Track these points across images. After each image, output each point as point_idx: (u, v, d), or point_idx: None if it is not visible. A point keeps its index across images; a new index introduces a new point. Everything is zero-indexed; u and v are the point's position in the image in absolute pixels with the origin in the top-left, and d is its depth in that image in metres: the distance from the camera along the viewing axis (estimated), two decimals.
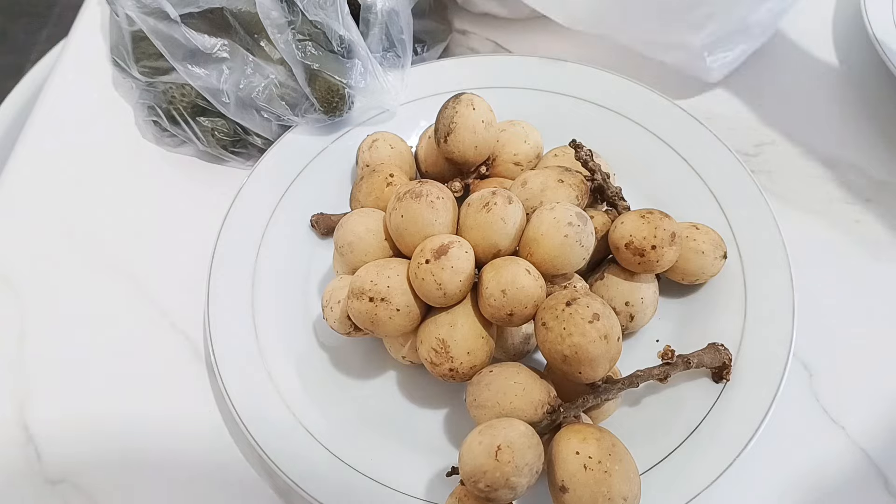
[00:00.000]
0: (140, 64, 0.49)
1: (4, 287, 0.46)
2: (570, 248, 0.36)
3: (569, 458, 0.31)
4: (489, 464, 0.30)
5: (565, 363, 0.33)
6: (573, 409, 0.34)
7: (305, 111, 0.48)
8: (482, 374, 0.34)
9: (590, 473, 0.30)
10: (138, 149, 0.51)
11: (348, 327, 0.38)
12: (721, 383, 0.38)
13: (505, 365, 0.35)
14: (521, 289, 0.34)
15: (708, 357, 0.38)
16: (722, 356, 0.38)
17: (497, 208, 0.36)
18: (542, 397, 0.34)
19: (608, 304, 0.34)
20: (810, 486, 0.38)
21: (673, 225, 0.38)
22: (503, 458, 0.30)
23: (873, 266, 0.45)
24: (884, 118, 0.52)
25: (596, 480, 0.30)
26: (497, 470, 0.30)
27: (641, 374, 0.36)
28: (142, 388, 0.42)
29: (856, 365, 0.42)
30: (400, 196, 0.37)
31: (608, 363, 0.33)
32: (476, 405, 0.34)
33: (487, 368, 0.35)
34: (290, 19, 0.47)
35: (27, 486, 0.39)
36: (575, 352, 0.32)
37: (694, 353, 0.38)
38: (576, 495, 0.30)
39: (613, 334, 0.33)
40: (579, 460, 0.31)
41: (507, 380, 0.34)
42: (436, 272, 0.34)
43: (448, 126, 0.42)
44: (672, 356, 0.37)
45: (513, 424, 0.32)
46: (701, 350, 0.38)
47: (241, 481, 0.39)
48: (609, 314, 0.33)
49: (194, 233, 0.47)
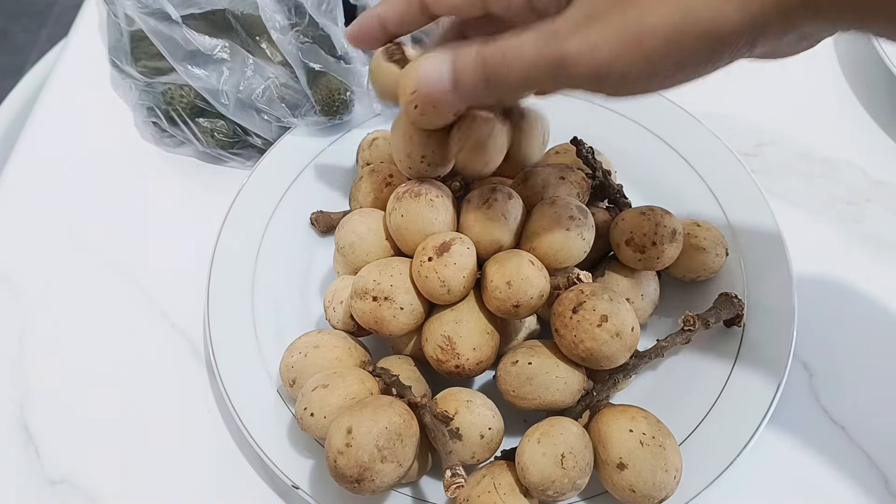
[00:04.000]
0: (139, 64, 0.49)
1: (4, 287, 0.46)
2: (571, 241, 0.36)
3: (622, 436, 0.33)
4: (556, 472, 0.32)
5: (585, 362, 0.34)
6: (605, 391, 0.35)
7: (305, 113, 0.48)
8: (520, 367, 0.34)
9: (647, 449, 0.32)
10: (138, 149, 0.51)
11: (352, 327, 0.38)
12: (735, 330, 0.40)
13: (539, 353, 0.35)
14: (525, 279, 0.34)
15: (725, 311, 0.39)
16: (736, 307, 0.39)
17: (498, 204, 0.36)
18: (579, 386, 0.35)
19: (616, 294, 0.34)
20: (810, 487, 0.38)
21: (674, 221, 0.38)
22: (568, 464, 0.32)
23: (873, 266, 0.45)
24: (884, 118, 0.52)
25: (654, 455, 0.32)
26: (565, 477, 0.32)
27: (665, 343, 0.37)
28: (142, 388, 0.42)
29: (856, 365, 0.42)
30: (399, 196, 0.37)
31: (627, 353, 0.34)
32: (516, 396, 0.35)
33: (525, 359, 0.34)
34: (294, 22, 0.47)
35: (27, 486, 0.39)
36: (590, 354, 0.33)
37: (710, 312, 0.39)
38: (635, 471, 0.32)
39: (626, 327, 0.33)
40: (634, 437, 0.32)
41: (548, 374, 0.34)
42: (439, 269, 0.35)
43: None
44: (694, 322, 0.37)
45: (566, 427, 0.33)
46: (716, 305, 0.39)
47: (241, 481, 0.39)
48: (618, 309, 0.33)
49: (194, 233, 0.47)
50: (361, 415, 0.32)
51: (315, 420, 0.34)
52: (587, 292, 0.34)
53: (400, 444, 0.31)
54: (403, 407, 0.33)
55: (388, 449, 0.31)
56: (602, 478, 0.34)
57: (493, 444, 0.34)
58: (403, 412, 0.32)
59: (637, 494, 0.32)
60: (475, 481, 0.33)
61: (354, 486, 0.31)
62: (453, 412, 0.34)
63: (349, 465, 0.31)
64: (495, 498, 0.32)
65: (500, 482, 0.33)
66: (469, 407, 0.34)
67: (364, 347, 0.38)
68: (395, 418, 0.32)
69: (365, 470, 0.31)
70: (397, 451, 0.31)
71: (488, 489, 0.33)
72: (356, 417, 0.32)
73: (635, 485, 0.32)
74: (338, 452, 0.31)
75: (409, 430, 0.32)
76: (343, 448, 0.31)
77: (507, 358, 0.35)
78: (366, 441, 0.31)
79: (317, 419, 0.34)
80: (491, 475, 0.33)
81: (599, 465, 0.34)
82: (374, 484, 0.31)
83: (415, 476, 0.35)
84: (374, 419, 0.31)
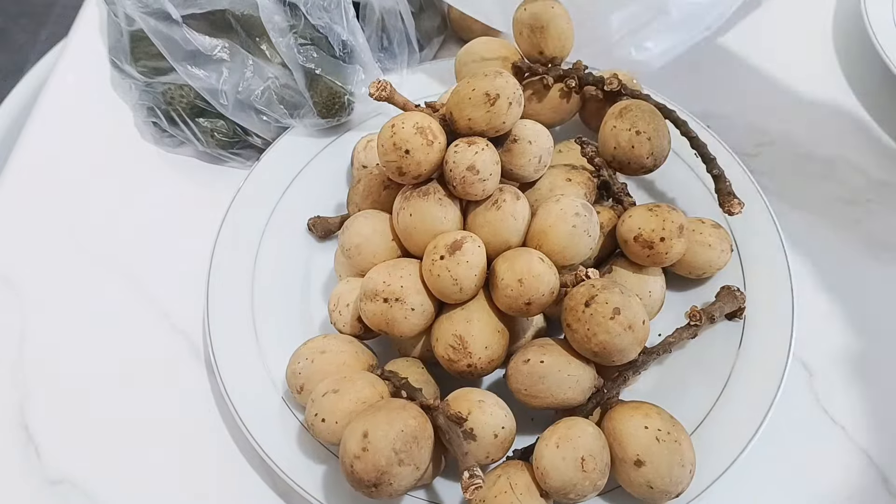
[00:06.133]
0: (139, 64, 0.49)
1: (4, 287, 0.45)
2: (578, 238, 0.36)
3: (638, 433, 0.33)
4: (577, 476, 0.32)
5: (597, 357, 0.34)
6: (616, 388, 0.35)
7: (305, 114, 0.48)
8: (532, 365, 0.34)
9: (663, 445, 0.33)
10: (137, 149, 0.51)
11: (358, 330, 0.38)
12: (737, 321, 0.40)
13: (550, 351, 0.35)
14: (537, 276, 0.34)
15: (728, 305, 0.39)
16: (739, 300, 0.39)
17: (507, 205, 0.36)
18: (591, 383, 0.35)
19: (627, 289, 0.34)
20: (810, 486, 0.38)
21: (680, 218, 0.38)
22: (589, 467, 0.32)
23: (873, 266, 0.46)
24: (884, 118, 0.52)
25: (670, 450, 0.33)
26: (586, 480, 0.32)
27: (672, 339, 0.37)
28: (142, 388, 0.42)
29: (856, 365, 0.42)
30: (407, 195, 0.37)
31: (638, 347, 0.34)
32: (528, 395, 0.35)
33: (537, 357, 0.34)
34: (293, 23, 0.47)
35: (27, 486, 0.39)
36: (603, 347, 0.33)
37: (714, 306, 0.39)
38: (653, 467, 0.32)
39: (638, 320, 0.33)
40: (650, 434, 0.33)
41: (560, 373, 0.34)
42: (451, 267, 0.35)
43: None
44: (699, 317, 0.38)
45: (583, 429, 0.33)
46: (719, 299, 0.40)
47: (241, 481, 0.39)
48: (629, 302, 0.33)
49: (194, 233, 0.47)
50: (376, 419, 0.31)
51: (326, 426, 0.34)
52: (598, 286, 0.34)
53: (416, 447, 0.31)
54: (417, 409, 0.33)
55: (405, 452, 0.31)
56: (618, 475, 0.34)
57: (506, 442, 0.34)
58: (417, 415, 0.32)
59: (655, 490, 0.33)
60: (491, 481, 0.33)
61: (372, 491, 0.31)
62: (466, 413, 0.34)
63: (366, 469, 0.31)
64: (512, 498, 0.32)
65: (517, 482, 0.33)
66: (481, 407, 0.34)
67: (371, 351, 0.38)
68: (410, 421, 0.32)
69: (382, 474, 0.31)
70: (414, 454, 0.31)
71: (504, 489, 0.33)
72: (371, 421, 0.31)
73: (653, 481, 0.32)
74: (354, 457, 0.31)
75: (423, 432, 0.32)
76: (360, 452, 0.31)
77: (517, 356, 0.35)
78: (382, 445, 0.31)
79: (328, 424, 0.34)
80: (506, 475, 0.33)
81: (615, 463, 0.34)
82: (392, 488, 0.31)
83: (429, 479, 0.35)
84: (389, 423, 0.31)
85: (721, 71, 0.54)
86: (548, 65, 0.44)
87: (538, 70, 0.44)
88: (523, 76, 0.45)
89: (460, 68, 0.45)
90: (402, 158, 0.36)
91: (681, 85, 0.52)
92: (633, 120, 0.40)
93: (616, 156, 0.41)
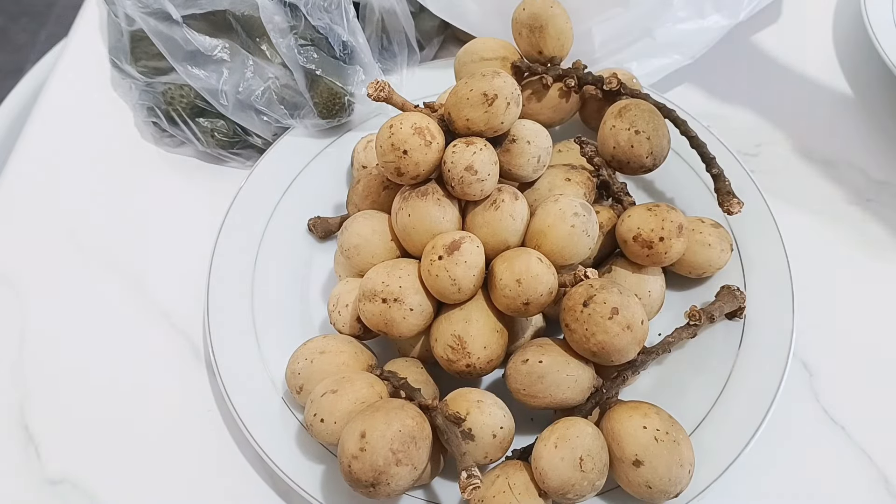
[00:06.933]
0: (139, 64, 0.49)
1: (4, 287, 0.46)
2: (577, 238, 0.36)
3: (637, 433, 0.33)
4: (576, 476, 0.32)
5: (596, 357, 0.34)
6: (614, 388, 0.35)
7: (305, 115, 0.48)
8: (531, 365, 0.34)
9: (662, 445, 0.33)
10: (138, 149, 0.51)
11: (358, 331, 0.38)
12: (737, 321, 0.40)
13: (549, 351, 0.35)
14: (535, 277, 0.34)
15: (728, 304, 0.39)
16: (738, 299, 0.40)
17: (505, 205, 0.36)
18: (590, 383, 0.35)
19: (625, 288, 0.34)
20: (810, 486, 0.38)
21: (680, 217, 0.38)
22: (587, 467, 0.32)
23: (873, 266, 0.45)
24: (884, 118, 0.52)
25: (669, 450, 0.33)
26: (584, 480, 0.32)
27: (672, 339, 0.37)
28: (142, 388, 0.42)
29: (856, 365, 0.42)
30: (406, 196, 0.37)
31: (637, 347, 0.34)
32: (527, 395, 0.35)
33: (535, 357, 0.34)
34: (293, 24, 0.47)
35: (27, 486, 0.39)
36: (602, 347, 0.33)
37: (714, 306, 0.39)
38: (651, 467, 0.32)
39: (637, 320, 0.33)
40: (649, 434, 0.33)
41: (559, 373, 0.34)
42: (450, 268, 0.35)
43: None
44: (699, 317, 0.38)
45: (581, 429, 0.33)
46: (719, 299, 0.40)
47: (241, 481, 0.39)
48: (628, 302, 0.33)
49: (194, 233, 0.47)
50: (374, 418, 0.31)
51: (325, 426, 0.34)
52: (597, 286, 0.34)
53: (414, 447, 0.31)
54: (415, 409, 0.33)
55: (403, 452, 0.31)
56: (616, 475, 0.34)
57: (505, 443, 0.34)
58: (416, 415, 0.32)
59: (653, 490, 0.33)
60: (489, 481, 0.33)
61: (369, 491, 0.31)
62: (465, 413, 0.34)
63: (364, 469, 0.31)
64: (510, 498, 0.32)
65: (515, 482, 0.33)
66: (480, 407, 0.34)
67: (370, 351, 0.38)
68: (408, 421, 0.32)
69: (380, 474, 0.31)
70: (412, 454, 0.31)
71: (503, 489, 0.32)
72: (369, 421, 0.31)
73: (651, 481, 0.33)
74: (352, 457, 0.31)
75: (422, 432, 0.32)
76: (357, 452, 0.31)
77: (516, 356, 0.35)
78: (380, 445, 0.31)
79: (327, 425, 0.34)
80: (505, 475, 0.33)
81: (614, 463, 0.34)
82: (390, 488, 0.31)
83: (427, 479, 0.35)
84: (387, 422, 0.31)
85: (721, 71, 0.54)
86: (547, 64, 0.44)
87: (537, 70, 0.44)
88: (522, 76, 0.45)
89: (460, 68, 0.45)
90: (401, 159, 0.36)
91: (681, 84, 0.52)
92: (632, 119, 0.40)
93: (615, 155, 0.41)
